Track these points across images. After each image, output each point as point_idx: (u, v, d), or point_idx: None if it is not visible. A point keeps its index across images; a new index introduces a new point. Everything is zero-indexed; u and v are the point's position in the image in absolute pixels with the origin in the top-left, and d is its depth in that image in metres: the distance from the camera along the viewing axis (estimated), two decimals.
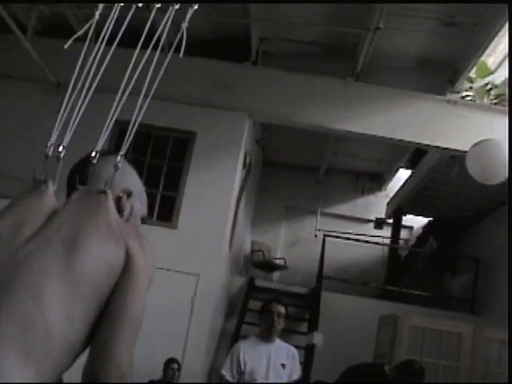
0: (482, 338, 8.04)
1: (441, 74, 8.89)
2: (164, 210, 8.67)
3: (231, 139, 8.47)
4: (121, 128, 9.40)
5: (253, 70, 8.80)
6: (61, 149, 2.30)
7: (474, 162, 7.53)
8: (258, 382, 5.36)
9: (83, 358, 1.82)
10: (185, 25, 2.32)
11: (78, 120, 2.14)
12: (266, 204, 13.76)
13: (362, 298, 10.69)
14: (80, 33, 2.20)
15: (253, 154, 10.47)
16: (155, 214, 8.67)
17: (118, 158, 2.27)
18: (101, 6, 2.20)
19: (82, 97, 2.17)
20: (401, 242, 13.78)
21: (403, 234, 13.91)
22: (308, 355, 9.21)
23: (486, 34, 7.62)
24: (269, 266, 12.70)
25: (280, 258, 12.92)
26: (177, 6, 2.29)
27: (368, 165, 13.63)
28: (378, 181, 14.32)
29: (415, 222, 14.14)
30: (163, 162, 8.82)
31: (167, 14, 2.30)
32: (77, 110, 2.14)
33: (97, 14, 2.14)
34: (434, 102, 8.81)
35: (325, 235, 12.00)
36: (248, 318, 9.40)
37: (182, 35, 2.29)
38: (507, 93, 8.50)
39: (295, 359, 5.71)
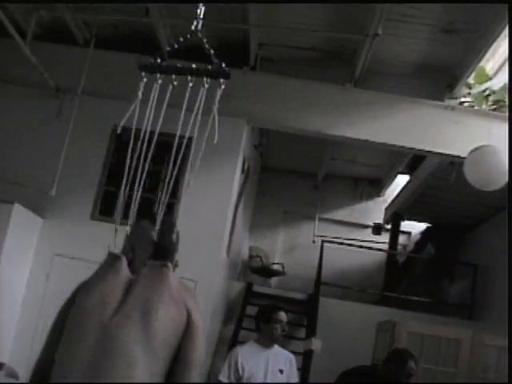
0: (481, 344, 8.03)
1: (439, 79, 8.90)
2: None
3: (229, 145, 8.46)
4: (118, 134, 9.35)
5: (251, 76, 8.80)
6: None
7: (471, 168, 7.53)
8: None
9: None
10: (215, 106, 2.72)
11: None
12: (264, 209, 13.76)
13: (360, 304, 10.68)
14: None
15: (251, 160, 10.46)
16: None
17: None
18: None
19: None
20: (399, 247, 13.78)
21: (401, 239, 13.91)
22: (306, 361, 9.20)
23: (484, 39, 7.63)
24: (267, 272, 12.69)
25: (278, 264, 12.91)
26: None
27: (366, 170, 13.64)
28: (376, 186, 14.33)
29: (413, 227, 14.13)
30: (161, 167, 8.81)
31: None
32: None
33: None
34: (432, 107, 8.82)
35: (323, 241, 11.99)
36: (246, 324, 9.39)
37: (214, 117, 2.75)
38: (507, 98, 8.50)
39: (293, 365, 5.72)
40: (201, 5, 3.42)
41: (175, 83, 3.22)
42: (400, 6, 7.44)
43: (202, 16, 3.48)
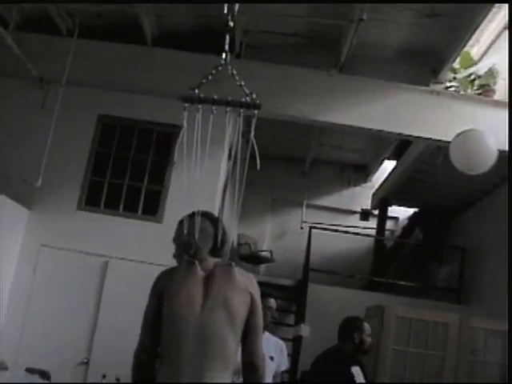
0: (469, 328, 8.08)
1: (424, 64, 8.91)
2: (149, 205, 8.65)
3: (215, 132, 8.43)
4: (104, 122, 9.33)
5: (236, 63, 8.71)
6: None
7: (457, 152, 7.55)
8: None
9: None
10: (252, 135, 3.34)
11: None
12: (251, 197, 13.74)
13: (348, 290, 10.71)
14: None
15: (238, 147, 10.44)
16: (140, 209, 8.65)
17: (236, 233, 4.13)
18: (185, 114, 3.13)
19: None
20: (387, 232, 13.80)
21: (389, 224, 13.93)
22: (295, 347, 9.23)
23: (469, 24, 7.63)
24: (255, 259, 12.70)
25: (266, 251, 12.92)
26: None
27: (353, 156, 13.65)
28: (363, 172, 14.35)
29: (401, 212, 14.16)
30: (148, 156, 8.79)
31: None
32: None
33: None
34: (417, 92, 8.82)
35: (311, 227, 12.00)
36: None
37: (253, 144, 3.38)
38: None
39: (283, 352, 5.76)
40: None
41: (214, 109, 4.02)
42: None
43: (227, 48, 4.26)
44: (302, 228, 13.53)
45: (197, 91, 3.90)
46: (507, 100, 8.48)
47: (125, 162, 8.75)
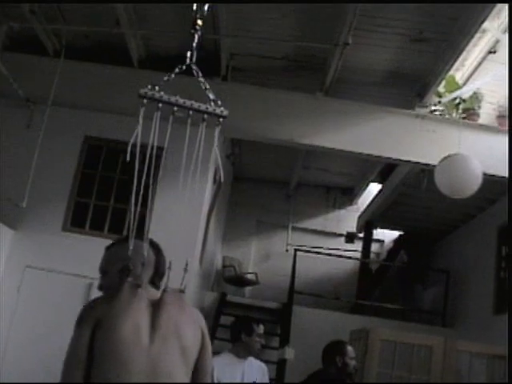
0: (453, 351, 8.08)
1: (410, 88, 8.97)
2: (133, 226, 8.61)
3: (201, 155, 8.44)
4: (90, 144, 9.34)
5: (223, 86, 8.80)
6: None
7: (442, 176, 7.60)
8: None
9: None
10: (215, 146, 2.93)
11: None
12: (236, 219, 13.76)
13: (333, 312, 10.72)
14: None
15: (223, 170, 10.46)
16: (125, 230, 8.62)
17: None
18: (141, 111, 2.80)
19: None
20: (372, 255, 13.83)
21: (374, 247, 13.97)
22: (280, 370, 9.20)
23: (453, 48, 7.70)
24: (240, 281, 12.68)
25: (251, 273, 12.90)
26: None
27: (339, 179, 13.69)
28: (348, 195, 14.39)
29: (386, 235, 14.21)
30: (131, 177, 8.77)
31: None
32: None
33: None
34: (402, 116, 8.87)
35: (296, 250, 12.01)
36: (219, 334, 9.36)
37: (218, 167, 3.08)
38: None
39: (265, 375, 5.74)
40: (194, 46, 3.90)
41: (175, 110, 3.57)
42: (370, 15, 7.50)
43: (195, 46, 3.61)
44: (287, 250, 13.54)
45: (157, 89, 3.53)
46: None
47: (110, 183, 8.74)
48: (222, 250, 13.47)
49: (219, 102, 3.35)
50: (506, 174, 8.02)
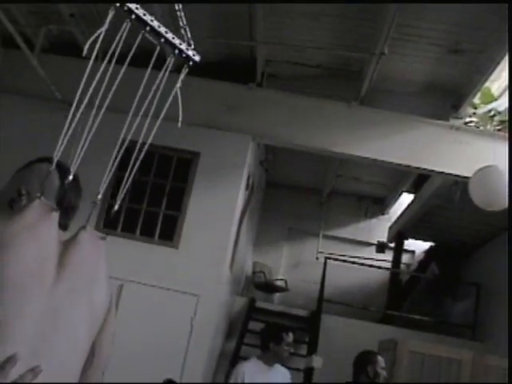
0: (482, 365, 8.01)
1: (445, 99, 8.93)
2: (166, 230, 8.69)
3: (235, 160, 8.50)
4: (126, 147, 9.38)
5: (258, 92, 8.85)
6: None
7: (476, 188, 7.55)
8: None
9: None
10: (179, 85, 2.46)
11: (87, 141, 2.14)
12: (268, 225, 13.77)
13: (362, 322, 10.67)
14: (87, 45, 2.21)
15: (256, 176, 10.50)
16: (157, 234, 8.69)
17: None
18: (110, 14, 2.37)
19: (92, 116, 2.17)
20: (402, 266, 13.76)
21: (405, 258, 13.89)
22: (307, 378, 9.18)
23: (490, 60, 7.66)
24: (270, 288, 12.69)
25: (281, 280, 12.91)
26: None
27: (371, 188, 13.65)
28: (380, 204, 14.34)
29: (417, 246, 14.12)
30: (166, 181, 8.85)
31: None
32: (86, 130, 2.14)
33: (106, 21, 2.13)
34: (437, 127, 8.84)
35: (326, 258, 11.99)
36: (248, 340, 9.38)
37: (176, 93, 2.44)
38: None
39: (288, 381, 5.76)
40: None
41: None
42: (406, 25, 7.49)
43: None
44: (317, 258, 13.52)
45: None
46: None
47: (144, 186, 8.81)
48: (252, 255, 13.50)
49: (192, 44, 3.00)
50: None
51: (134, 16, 2.74)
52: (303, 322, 10.63)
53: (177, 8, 2.75)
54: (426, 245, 13.92)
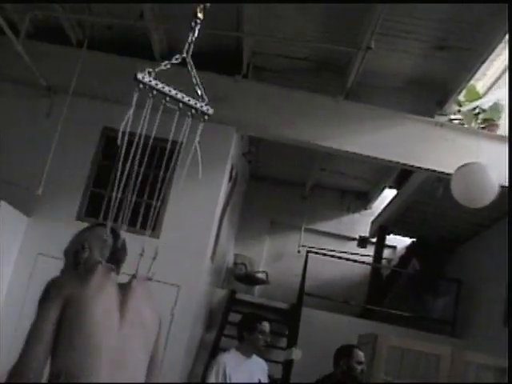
0: (460, 361, 8.05)
1: (430, 95, 8.95)
2: (148, 220, 8.64)
3: (218, 152, 8.47)
4: (108, 135, 9.38)
5: (243, 84, 8.81)
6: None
7: (458, 184, 7.56)
8: None
9: None
10: (197, 140, 3.09)
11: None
12: (251, 218, 13.76)
13: (342, 316, 10.69)
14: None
15: (239, 167, 10.47)
16: (138, 223, 8.64)
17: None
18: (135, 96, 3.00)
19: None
20: (383, 261, 13.79)
21: (386, 253, 13.92)
22: (286, 371, 9.19)
23: (476, 58, 7.68)
24: (250, 280, 12.68)
25: (262, 272, 12.91)
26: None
27: (354, 183, 13.66)
28: (363, 199, 14.36)
29: (399, 242, 14.16)
30: (149, 170, 8.80)
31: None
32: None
33: None
34: (421, 123, 8.85)
35: (308, 251, 12.00)
36: (228, 331, 9.38)
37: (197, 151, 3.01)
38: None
39: (265, 373, 5.78)
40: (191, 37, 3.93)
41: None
42: (394, 20, 7.49)
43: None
44: (299, 252, 13.52)
45: (153, 75, 3.59)
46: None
47: (126, 175, 8.75)
48: (234, 247, 13.48)
49: (206, 99, 3.71)
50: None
51: (155, 92, 3.39)
52: (283, 314, 10.64)
53: (190, 68, 3.79)
54: (408, 240, 13.97)
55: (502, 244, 9.77)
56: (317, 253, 11.95)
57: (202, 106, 3.68)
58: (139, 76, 3.51)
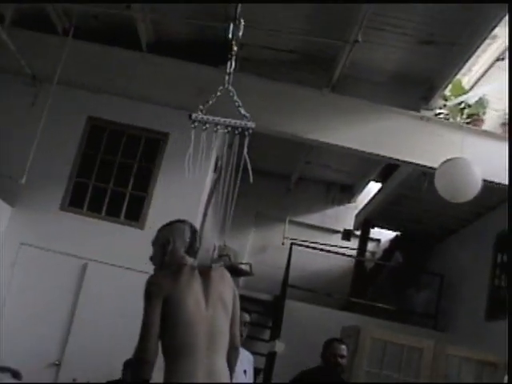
0: (443, 354, 8.09)
1: (416, 90, 8.96)
2: (132, 210, 8.64)
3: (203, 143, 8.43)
4: (93, 124, 9.37)
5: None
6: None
7: (442, 179, 7.60)
8: None
9: None
10: (245, 152, 4.11)
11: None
12: (235, 209, 13.71)
13: (325, 308, 10.71)
14: None
15: (224, 159, 10.44)
16: (123, 214, 8.63)
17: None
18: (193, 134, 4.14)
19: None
20: (367, 254, 13.83)
21: (370, 246, 13.97)
22: (269, 363, 9.22)
23: (462, 53, 7.70)
24: (234, 271, 12.64)
25: (246, 264, 12.90)
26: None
27: (339, 176, 13.68)
28: (348, 192, 14.38)
29: (383, 235, 14.21)
30: (134, 161, 8.78)
31: None
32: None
33: None
34: (407, 117, 8.86)
35: (292, 243, 12.01)
36: None
37: (245, 160, 4.65)
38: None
39: (251, 365, 5.80)
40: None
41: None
42: (381, 14, 7.49)
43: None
44: (283, 244, 13.51)
45: (203, 112, 4.46)
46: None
47: (111, 165, 8.74)
48: (218, 239, 13.48)
49: (248, 116, 4.86)
50: (507, 181, 8.03)
51: (207, 125, 4.89)
52: (267, 306, 10.66)
53: (232, 94, 5.08)
54: (392, 234, 14.02)
55: (483, 239, 9.85)
56: (301, 245, 11.96)
57: (245, 124, 4.97)
58: (194, 117, 4.76)
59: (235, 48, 4.48)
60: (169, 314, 3.55)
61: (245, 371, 5.59)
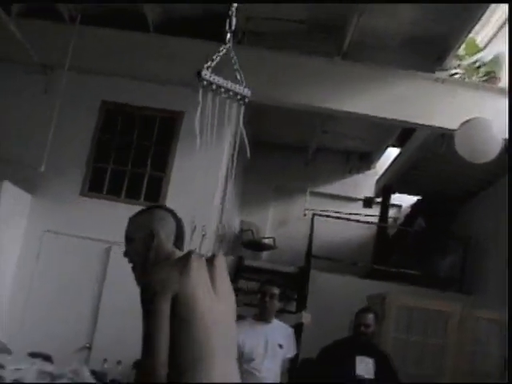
0: (470, 318, 8.07)
1: (429, 51, 8.86)
2: (151, 191, 8.65)
3: (219, 120, 8.41)
4: (108, 108, 9.38)
5: (239, 50, 8.66)
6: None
7: (462, 140, 7.52)
8: (255, 362, 5.43)
9: None
10: (241, 125, 4.06)
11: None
12: (254, 184, 13.73)
13: (350, 277, 10.69)
14: None
15: (241, 134, 10.41)
16: (142, 195, 8.65)
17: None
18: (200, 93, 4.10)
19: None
20: (389, 220, 13.80)
21: (392, 212, 13.94)
22: (296, 334, 9.23)
23: (474, 11, 7.58)
24: (258, 246, 12.70)
25: (269, 238, 12.92)
26: None
27: (357, 143, 13.60)
28: (366, 159, 14.32)
29: (404, 200, 14.15)
30: (150, 142, 8.78)
31: None
32: None
33: None
34: (422, 80, 8.78)
35: (313, 214, 11.99)
36: (238, 298, 9.40)
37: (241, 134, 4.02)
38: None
39: (291, 338, 5.86)
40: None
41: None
42: None
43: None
44: (304, 215, 13.52)
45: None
46: (507, 88, 8.44)
47: (128, 148, 8.75)
48: (239, 214, 13.49)
49: (244, 84, 4.61)
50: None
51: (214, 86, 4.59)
52: (292, 278, 10.66)
53: (232, 55, 4.81)
54: (413, 199, 13.96)
55: (506, 199, 9.74)
56: (322, 215, 11.94)
57: (243, 91, 4.78)
58: (203, 73, 4.56)
59: (235, 4, 4.36)
60: (180, 312, 2.87)
61: (280, 345, 5.64)
